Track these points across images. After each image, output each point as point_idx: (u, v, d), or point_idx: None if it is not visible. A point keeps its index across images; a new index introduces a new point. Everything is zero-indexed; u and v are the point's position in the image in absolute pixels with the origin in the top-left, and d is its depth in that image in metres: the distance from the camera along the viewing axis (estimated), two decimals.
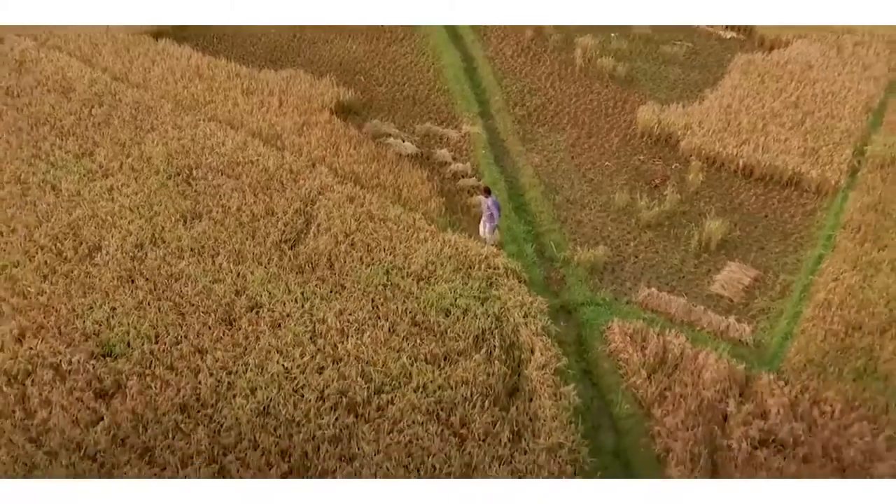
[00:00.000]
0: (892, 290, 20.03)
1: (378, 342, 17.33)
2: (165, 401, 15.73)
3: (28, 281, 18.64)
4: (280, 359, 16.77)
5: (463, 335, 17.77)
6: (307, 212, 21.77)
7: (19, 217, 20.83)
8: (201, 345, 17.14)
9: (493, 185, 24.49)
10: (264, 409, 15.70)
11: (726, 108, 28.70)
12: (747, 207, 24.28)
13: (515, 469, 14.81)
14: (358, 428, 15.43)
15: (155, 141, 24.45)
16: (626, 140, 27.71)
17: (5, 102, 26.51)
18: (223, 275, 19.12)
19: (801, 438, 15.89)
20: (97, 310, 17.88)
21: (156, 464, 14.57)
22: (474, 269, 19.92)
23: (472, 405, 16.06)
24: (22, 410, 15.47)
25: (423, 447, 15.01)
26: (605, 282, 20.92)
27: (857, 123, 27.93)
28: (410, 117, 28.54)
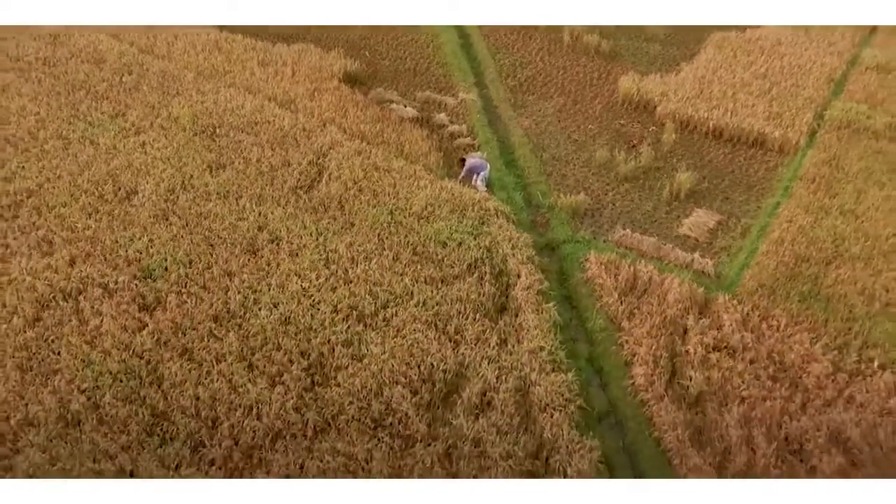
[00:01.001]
0: (839, 230, 22.13)
1: (383, 267, 19.42)
2: (200, 312, 17.82)
3: (75, 218, 20.70)
4: (298, 280, 18.85)
5: (458, 263, 19.86)
6: (319, 163, 23.82)
7: (63, 166, 22.88)
8: (229, 269, 19.22)
9: (486, 144, 26.63)
10: (286, 319, 17.78)
11: (700, 78, 30.73)
12: (715, 164, 26.33)
13: (502, 367, 16.94)
14: (366, 334, 17.52)
15: (181, 104, 26.47)
16: (608, 107, 29.73)
17: (43, 71, 28.50)
18: (246, 214, 21.19)
19: (749, 345, 18.01)
20: (136, 241, 19.95)
21: (194, 361, 16.65)
22: (468, 210, 21.99)
23: (466, 317, 18.17)
24: (77, 320, 17.54)
25: (422, 349, 17.10)
26: (584, 224, 22.99)
27: (820, 92, 29.96)
28: (412, 86, 30.56)
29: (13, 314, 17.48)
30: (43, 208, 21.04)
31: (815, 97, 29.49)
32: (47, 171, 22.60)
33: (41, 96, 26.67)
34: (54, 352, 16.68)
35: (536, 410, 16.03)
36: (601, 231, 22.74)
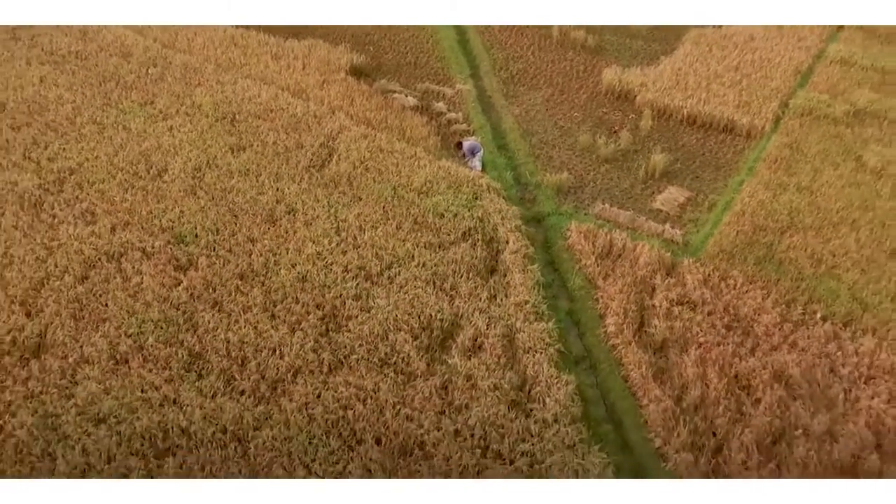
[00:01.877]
0: (794, 204, 24.28)
1: (388, 234, 21.57)
2: (227, 271, 19.97)
3: (113, 192, 22.84)
4: (313, 245, 20.99)
5: (453, 231, 22.01)
6: (329, 145, 25.94)
7: (100, 148, 24.98)
8: (252, 235, 21.36)
9: (480, 130, 28.79)
10: (303, 277, 19.92)
11: (677, 70, 32.82)
12: (688, 147, 28.44)
13: (491, 317, 19.10)
14: (373, 290, 19.67)
15: (203, 93, 28.56)
16: (592, 96, 31.84)
17: (76, 64, 30.58)
18: (265, 189, 23.32)
19: (708, 300, 20.17)
20: (169, 212, 22.09)
21: (224, 311, 18.81)
22: (463, 186, 24.13)
23: (460, 276, 20.33)
24: (120, 277, 19.69)
25: (422, 302, 19.25)
26: (567, 200, 25.12)
27: (786, 83, 32.07)
28: (412, 78, 32.66)
29: (64, 272, 19.63)
30: (84, 184, 23.17)
31: (781, 88, 31.59)
32: (86, 151, 24.71)
33: (76, 86, 28.77)
34: (102, 304, 18.82)
35: (521, 352, 18.20)
36: (582, 205, 24.87)
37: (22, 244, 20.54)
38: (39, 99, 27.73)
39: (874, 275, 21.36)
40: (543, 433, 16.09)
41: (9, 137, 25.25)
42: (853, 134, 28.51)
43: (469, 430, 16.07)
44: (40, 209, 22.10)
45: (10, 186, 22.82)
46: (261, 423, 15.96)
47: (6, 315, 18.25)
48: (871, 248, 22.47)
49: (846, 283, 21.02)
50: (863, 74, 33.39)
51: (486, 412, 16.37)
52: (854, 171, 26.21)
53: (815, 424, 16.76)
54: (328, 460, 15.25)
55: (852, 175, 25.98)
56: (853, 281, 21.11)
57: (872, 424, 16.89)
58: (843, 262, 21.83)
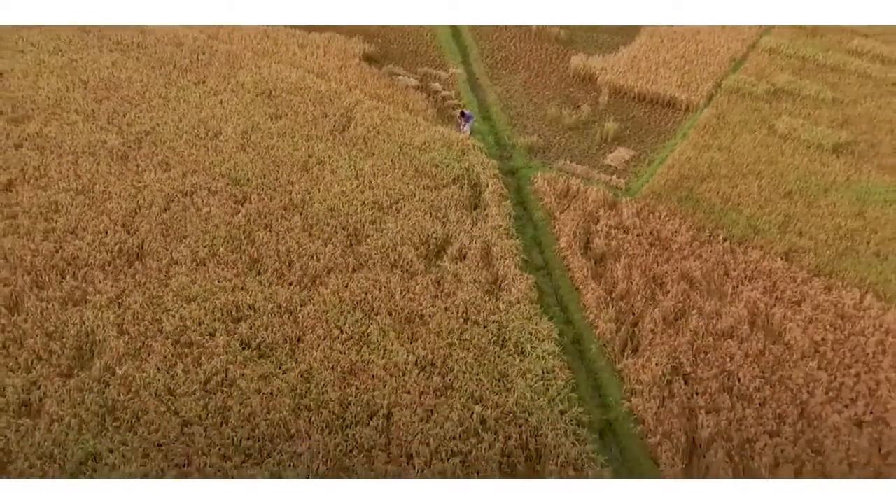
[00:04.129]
0: (714, 159, 29.39)
1: (395, 179, 26.71)
2: (274, 203, 25.13)
3: (181, 149, 27.93)
4: (338, 186, 26.13)
5: (446, 177, 27.16)
6: (348, 115, 31.04)
7: (167, 116, 30.05)
8: (290, 179, 26.49)
9: (469, 105, 33.85)
10: (331, 208, 25.05)
11: (632, 58, 37.88)
12: (636, 118, 33.55)
13: (473, 235, 24.28)
14: (385, 217, 24.83)
15: (245, 74, 33.62)
16: (561, 79, 36.90)
17: (139, 52, 35.58)
18: (299, 146, 28.43)
19: (638, 225, 25.31)
20: (226, 162, 27.20)
21: (273, 231, 23.96)
22: (454, 145, 29.24)
23: (451, 209, 25.47)
24: (194, 208, 24.82)
25: (422, 225, 24.39)
26: (536, 157, 30.25)
27: (721, 68, 37.15)
28: (414, 63, 37.70)
29: (151, 204, 24.76)
30: (158, 142, 28.28)
31: (717, 72, 36.68)
32: (156, 119, 29.80)
33: (141, 69, 33.83)
34: (182, 225, 23.93)
35: (495, 259, 23.38)
36: (548, 161, 30.02)
37: (116, 185, 25.67)
38: (113, 79, 32.77)
39: (768, 209, 26.55)
40: (509, 309, 21.31)
41: (94, 108, 30.32)
42: (770, 108, 33.63)
43: (455, 307, 21.26)
44: (126, 160, 27.20)
45: (101, 144, 27.92)
46: (305, 302, 21.17)
47: (112, 233, 23.39)
48: (769, 191, 27.64)
49: (745, 215, 26.21)
50: (786, 61, 38.46)
51: (468, 296, 21.58)
52: (766, 136, 31.34)
53: (707, 306, 21.97)
54: (355, 324, 20.45)
55: (764, 139, 31.11)
56: (751, 214, 26.30)
57: (749, 307, 22.08)
58: (745, 200, 27.01)
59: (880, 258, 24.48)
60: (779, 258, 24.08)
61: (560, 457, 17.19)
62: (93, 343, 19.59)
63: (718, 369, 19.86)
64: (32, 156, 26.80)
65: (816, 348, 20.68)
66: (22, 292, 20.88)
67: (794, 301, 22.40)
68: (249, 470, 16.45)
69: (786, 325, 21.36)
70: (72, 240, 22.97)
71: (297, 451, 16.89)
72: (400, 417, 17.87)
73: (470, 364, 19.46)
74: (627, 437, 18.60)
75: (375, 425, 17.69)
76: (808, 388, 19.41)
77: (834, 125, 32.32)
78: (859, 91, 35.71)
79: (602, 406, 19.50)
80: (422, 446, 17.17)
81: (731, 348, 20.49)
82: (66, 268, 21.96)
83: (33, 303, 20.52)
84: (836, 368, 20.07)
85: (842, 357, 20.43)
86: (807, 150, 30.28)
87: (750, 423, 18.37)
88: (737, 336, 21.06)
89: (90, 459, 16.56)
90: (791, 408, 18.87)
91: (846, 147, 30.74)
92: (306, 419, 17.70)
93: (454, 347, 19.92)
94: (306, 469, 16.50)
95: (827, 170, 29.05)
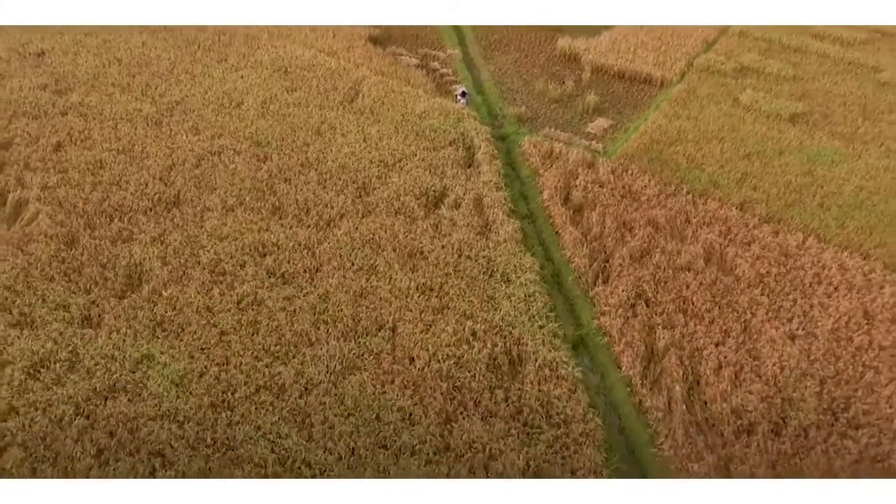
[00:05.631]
0: (682, 127, 31.90)
1: (398, 141, 29.25)
2: (292, 161, 27.69)
3: (209, 116, 30.46)
4: (348, 147, 28.69)
5: (443, 140, 29.71)
6: (356, 88, 33.56)
7: (194, 89, 32.55)
8: (306, 142, 29.04)
9: (465, 82, 36.35)
10: (342, 165, 27.63)
11: (613, 40, 40.35)
12: (615, 92, 36.06)
13: (467, 188, 26.86)
14: (390, 173, 27.39)
15: (262, 53, 36.11)
16: (549, 58, 39.38)
17: (165, 33, 38.00)
18: (313, 114, 30.97)
19: (612, 181, 27.86)
20: (249, 128, 29.72)
21: (292, 184, 26.52)
22: (451, 114, 31.77)
23: (448, 167, 28.03)
24: (222, 165, 27.37)
25: (422, 180, 26.94)
26: (525, 126, 32.79)
27: (694, 49, 39.62)
28: (415, 45, 40.16)
29: (184, 161, 27.30)
30: (188, 111, 30.81)
31: (690, 52, 39.17)
32: (185, 91, 32.32)
33: (168, 49, 36.31)
34: (212, 179, 26.51)
35: (486, 208, 25.96)
36: (535, 129, 32.55)
37: (152, 146, 28.21)
38: (144, 57, 35.26)
39: (728, 168, 29.11)
40: (496, 247, 23.90)
41: (128, 81, 32.84)
42: (736, 83, 36.14)
43: (451, 245, 23.84)
44: (160, 125, 29.73)
45: (137, 112, 30.45)
46: (321, 241, 23.76)
47: (152, 185, 25.93)
48: (730, 153, 30.18)
49: (707, 173, 28.77)
50: (754, 43, 40.95)
51: (462, 237, 24.17)
52: (730, 107, 33.87)
53: (668, 246, 24.55)
54: (364, 258, 23.04)
55: (728, 110, 33.64)
56: (712, 171, 28.86)
57: (706, 247, 24.64)
58: (708, 160, 29.56)
59: (823, 208, 27.07)
60: (734, 208, 26.65)
61: (538, 360, 19.83)
62: (141, 272, 22.21)
63: (675, 295, 22.48)
64: (77, 122, 29.33)
65: (761, 279, 23.29)
66: (77, 232, 23.47)
67: (745, 242, 24.99)
68: (277, 367, 19.09)
69: (736, 261, 23.96)
70: (116, 190, 25.54)
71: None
72: (403, 330, 20.50)
73: (463, 289, 22.07)
74: (596, 348, 21.26)
75: (383, 335, 20.33)
76: (751, 310, 22.03)
77: (792, 98, 34.85)
78: (818, 69, 38.22)
79: (576, 325, 22.14)
80: (422, 351, 19.80)
81: (688, 279, 23.10)
82: (114, 213, 24.54)
83: (87, 240, 23.11)
84: (776, 295, 22.70)
85: (782, 286, 23.05)
86: (766, 120, 32.81)
87: (699, 337, 21.00)
88: (693, 269, 23.66)
89: (145, 360, 19.18)
90: (736, 325, 21.49)
91: (802, 117, 33.27)
92: (325, 330, 20.34)
93: (450, 276, 22.53)
94: (325, 367, 19.13)
95: (783, 136, 31.60)
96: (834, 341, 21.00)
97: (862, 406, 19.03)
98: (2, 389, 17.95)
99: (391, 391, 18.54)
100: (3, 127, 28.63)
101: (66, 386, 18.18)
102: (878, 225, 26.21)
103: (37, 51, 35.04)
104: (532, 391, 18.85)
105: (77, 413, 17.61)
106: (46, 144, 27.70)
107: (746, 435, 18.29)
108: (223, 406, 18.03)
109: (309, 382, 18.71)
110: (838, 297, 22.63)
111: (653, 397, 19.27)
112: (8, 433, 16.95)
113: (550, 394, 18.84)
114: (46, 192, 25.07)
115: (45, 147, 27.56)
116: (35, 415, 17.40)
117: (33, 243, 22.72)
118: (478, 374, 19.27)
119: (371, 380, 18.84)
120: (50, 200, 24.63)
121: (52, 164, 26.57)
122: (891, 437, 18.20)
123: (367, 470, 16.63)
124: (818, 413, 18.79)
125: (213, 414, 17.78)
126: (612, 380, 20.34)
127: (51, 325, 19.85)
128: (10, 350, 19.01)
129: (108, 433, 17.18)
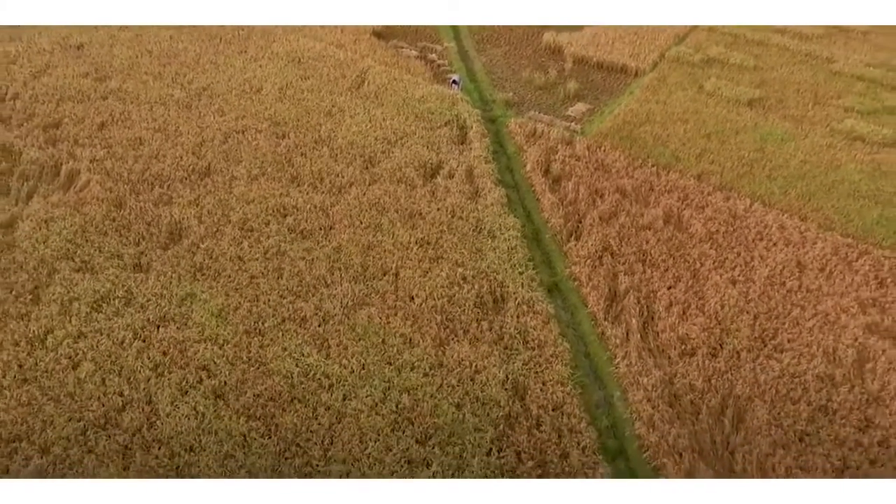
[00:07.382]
0: (651, 109, 34.85)
1: (400, 122, 32.21)
2: (307, 139, 30.67)
3: (233, 100, 33.38)
4: (356, 127, 31.65)
5: (439, 121, 32.68)
6: (362, 77, 36.50)
7: (218, 76, 35.46)
8: (319, 122, 32.02)
9: (459, 71, 39.30)
10: (351, 142, 30.59)
11: (593, 34, 43.21)
12: (594, 81, 38.98)
13: (460, 161, 29.86)
14: (392, 149, 30.36)
15: (278, 45, 39.02)
16: (535, 51, 42.28)
17: (190, 29, 40.93)
18: (324, 99, 33.91)
19: (588, 156, 30.83)
20: (268, 110, 32.67)
21: (307, 157, 29.48)
22: (447, 99, 34.74)
23: (443, 144, 31.03)
24: (246, 142, 30.33)
25: (420, 154, 29.92)
26: (512, 109, 35.73)
27: (667, 42, 42.48)
28: (415, 39, 43.04)
29: (213, 138, 30.26)
30: (214, 96, 33.76)
31: (663, 45, 42.04)
32: (210, 78, 35.25)
33: (193, 42, 39.20)
34: (238, 154, 29.48)
35: (476, 178, 28.94)
36: (521, 112, 35.50)
37: (184, 125, 31.15)
38: (172, 49, 38.15)
39: (689, 145, 32.02)
40: (485, 209, 26.89)
41: (160, 70, 35.74)
42: (702, 72, 39.05)
43: (445, 207, 26.83)
44: (190, 108, 32.67)
45: (169, 96, 33.39)
46: (334, 204, 26.73)
47: (186, 158, 28.87)
48: (692, 133, 33.07)
49: (670, 149, 31.73)
50: (721, 37, 43.82)
51: (455, 201, 27.16)
52: (695, 93, 36.79)
53: (633, 209, 27.52)
54: (371, 218, 26.04)
55: (693, 96, 36.56)
56: (675, 148, 31.81)
57: (665, 210, 27.64)
58: (672, 139, 32.51)
59: (770, 179, 30.06)
60: (692, 178, 29.62)
61: (517, 299, 22.86)
62: (181, 228, 25.21)
63: (637, 248, 25.51)
64: (116, 105, 32.28)
65: (711, 236, 26.30)
66: (124, 196, 26.45)
67: (700, 206, 27.99)
68: (299, 303, 22.12)
69: (691, 221, 26.96)
70: (155, 163, 28.51)
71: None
72: (405, 274, 23.53)
73: (455, 243, 25.08)
74: (568, 291, 24.29)
75: (387, 279, 23.36)
76: (700, 261, 25.06)
77: (751, 85, 37.78)
78: (777, 60, 41.14)
79: (552, 273, 25.18)
80: (420, 291, 22.83)
81: (648, 236, 26.11)
82: (154, 181, 27.52)
83: (133, 203, 26.10)
84: (723, 248, 25.72)
85: (729, 241, 26.07)
86: (726, 104, 35.74)
87: (655, 281, 24.04)
88: (653, 228, 26.66)
89: (188, 297, 22.21)
90: (686, 272, 24.53)
91: (758, 102, 36.21)
92: (338, 275, 23.38)
93: (444, 233, 25.54)
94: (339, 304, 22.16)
95: (740, 118, 34.55)
96: (769, 285, 24.03)
97: (787, 335, 22.08)
98: (72, 319, 20.99)
99: (394, 321, 21.58)
100: (52, 109, 31.56)
101: (124, 317, 21.22)
102: (818, 192, 29.21)
103: (76, 44, 37.93)
104: (512, 322, 21.90)
105: (135, 337, 20.65)
106: (92, 124, 30.65)
107: (689, 357, 21.34)
108: (255, 332, 21.08)
109: (326, 315, 21.75)
110: (776, 250, 25.64)
111: (613, 328, 22.31)
112: (80, 351, 19.99)
113: (527, 324, 21.89)
114: (95, 163, 28.04)
115: (91, 126, 30.51)
116: (101, 339, 20.45)
117: (87, 206, 25.69)
118: (467, 309, 22.30)
119: (378, 313, 21.87)
120: (99, 170, 27.61)
121: (98, 141, 29.53)
122: (808, 359, 21.26)
123: (375, 380, 19.68)
124: (750, 340, 21.85)
125: (247, 338, 20.82)
126: (580, 316, 23.38)
127: (108, 271, 22.86)
128: (76, 289, 22.03)
129: (161, 352, 20.22)
